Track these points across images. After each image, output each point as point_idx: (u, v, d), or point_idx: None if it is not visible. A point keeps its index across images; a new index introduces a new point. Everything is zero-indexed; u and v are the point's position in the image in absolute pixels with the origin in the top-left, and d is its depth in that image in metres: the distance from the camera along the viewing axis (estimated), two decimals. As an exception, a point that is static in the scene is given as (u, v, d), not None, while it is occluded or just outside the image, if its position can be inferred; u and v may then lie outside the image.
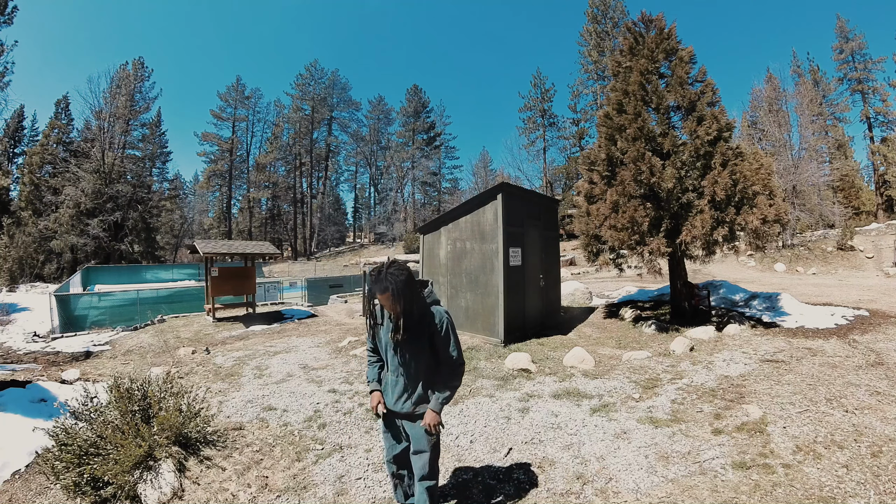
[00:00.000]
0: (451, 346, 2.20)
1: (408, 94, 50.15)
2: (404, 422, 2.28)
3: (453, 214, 7.61)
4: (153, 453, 2.96)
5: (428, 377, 2.22)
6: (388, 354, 2.24)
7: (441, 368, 2.24)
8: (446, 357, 2.21)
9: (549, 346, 6.51)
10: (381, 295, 2.06)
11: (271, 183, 47.86)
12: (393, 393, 2.23)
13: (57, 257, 27.38)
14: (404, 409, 2.21)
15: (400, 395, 2.21)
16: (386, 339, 2.21)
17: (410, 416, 2.23)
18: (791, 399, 3.84)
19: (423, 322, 2.17)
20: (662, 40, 7.44)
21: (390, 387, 2.25)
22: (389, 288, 2.03)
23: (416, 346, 2.17)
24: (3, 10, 19.62)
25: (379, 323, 2.28)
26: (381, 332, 2.27)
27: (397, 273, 2.05)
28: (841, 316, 6.96)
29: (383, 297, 2.07)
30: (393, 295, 2.04)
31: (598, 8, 37.05)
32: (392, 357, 2.22)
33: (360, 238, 56.75)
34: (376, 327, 2.31)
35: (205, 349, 7.12)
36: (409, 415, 2.23)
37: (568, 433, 3.51)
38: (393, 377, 2.24)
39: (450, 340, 2.20)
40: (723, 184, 6.31)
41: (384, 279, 2.04)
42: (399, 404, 2.22)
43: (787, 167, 21.13)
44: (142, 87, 34.80)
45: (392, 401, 2.23)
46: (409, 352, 2.18)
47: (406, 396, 2.21)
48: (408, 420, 2.26)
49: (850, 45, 32.86)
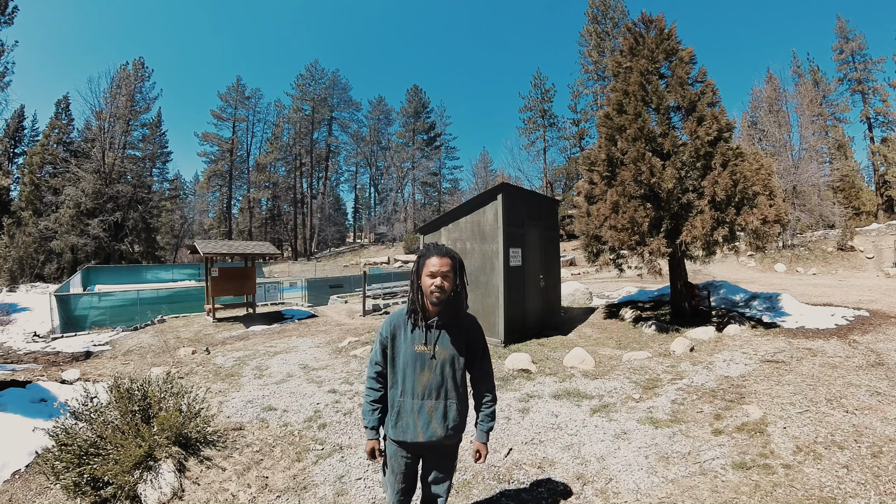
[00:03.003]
0: (488, 361, 1.89)
1: (408, 94, 50.21)
2: (426, 454, 1.86)
3: (453, 215, 7.61)
4: (153, 453, 2.96)
5: (463, 395, 1.85)
6: (410, 372, 1.77)
7: (477, 386, 1.91)
8: (482, 373, 1.88)
9: (550, 346, 6.51)
10: (439, 258, 1.69)
11: (271, 183, 47.86)
12: (417, 421, 1.76)
13: (57, 257, 27.37)
14: (433, 438, 1.76)
15: (428, 421, 1.75)
16: (410, 351, 1.76)
17: (438, 446, 1.81)
18: (791, 399, 3.83)
19: (463, 326, 1.82)
20: (662, 41, 7.45)
21: (411, 414, 1.77)
22: (454, 254, 1.69)
23: (455, 355, 1.78)
24: (4, 11, 19.64)
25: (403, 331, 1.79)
26: (402, 342, 1.78)
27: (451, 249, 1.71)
28: (841, 316, 6.96)
29: (441, 261, 1.68)
30: (456, 264, 1.70)
31: (598, 8, 37.03)
32: (419, 373, 1.76)
33: (361, 238, 56.75)
34: (395, 337, 1.79)
35: (205, 349, 7.12)
36: (437, 445, 1.80)
37: (568, 433, 3.51)
38: (417, 401, 1.76)
39: (487, 351, 1.89)
40: (723, 184, 6.31)
41: (444, 248, 1.71)
42: (428, 432, 1.75)
43: (788, 167, 21.13)
44: (142, 88, 34.82)
45: (416, 431, 1.75)
46: (449, 363, 1.76)
47: (439, 422, 1.77)
48: (431, 451, 1.84)
49: (850, 45, 32.85)
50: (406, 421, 1.77)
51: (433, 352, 1.74)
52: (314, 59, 63.50)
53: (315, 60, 57.95)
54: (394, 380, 1.81)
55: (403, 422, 1.77)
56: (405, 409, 1.77)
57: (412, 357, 1.76)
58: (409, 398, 1.77)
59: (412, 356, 1.76)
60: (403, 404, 1.78)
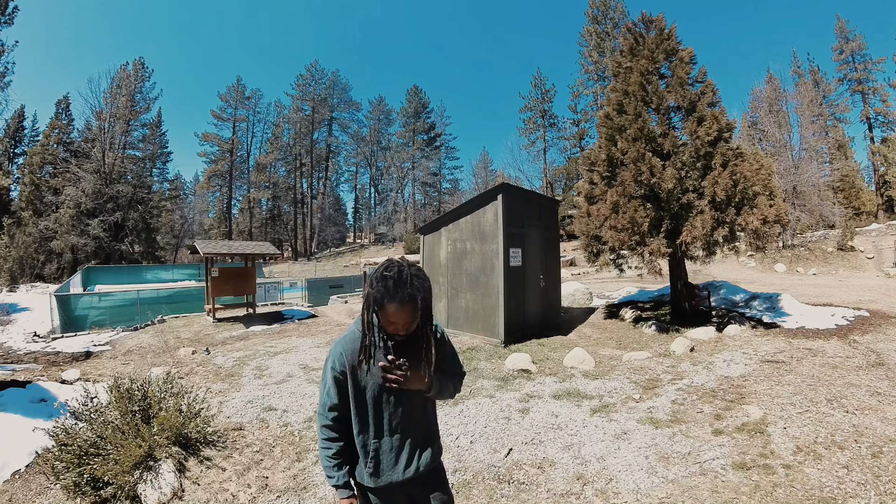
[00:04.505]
0: (458, 363, 1.70)
1: (408, 94, 50.24)
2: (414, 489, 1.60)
3: (454, 215, 7.61)
4: (153, 453, 2.96)
5: (434, 408, 1.67)
6: (379, 409, 1.50)
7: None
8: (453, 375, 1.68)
9: (550, 346, 6.51)
10: (399, 307, 1.33)
11: (271, 183, 47.90)
12: (396, 460, 1.52)
13: (57, 257, 27.37)
14: (422, 469, 1.55)
15: (409, 458, 1.53)
16: (378, 382, 1.46)
17: (421, 480, 1.58)
18: (791, 399, 3.83)
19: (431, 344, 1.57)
20: (663, 41, 7.45)
21: (391, 454, 1.52)
22: (418, 296, 1.36)
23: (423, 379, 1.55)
24: (4, 11, 19.65)
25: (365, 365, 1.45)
26: (367, 376, 1.46)
27: (422, 276, 1.42)
28: (841, 316, 6.96)
29: (402, 311, 1.34)
30: (421, 306, 1.38)
31: (598, 8, 37.06)
32: (390, 408, 1.50)
33: (361, 238, 56.76)
34: (358, 371, 1.46)
35: (205, 349, 7.12)
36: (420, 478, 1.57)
37: (568, 434, 3.50)
38: (396, 438, 1.52)
39: (456, 357, 1.69)
40: (723, 184, 6.31)
41: (408, 283, 1.35)
42: (409, 471, 1.52)
43: (788, 168, 21.14)
44: (142, 88, 34.82)
45: (398, 471, 1.51)
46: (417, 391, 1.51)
47: (424, 450, 1.57)
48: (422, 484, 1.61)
49: (850, 45, 32.87)
50: (386, 463, 1.51)
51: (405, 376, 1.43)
52: (314, 60, 63.61)
53: (315, 60, 58.04)
54: (362, 420, 1.50)
55: (384, 465, 1.51)
56: (383, 450, 1.51)
57: (380, 389, 1.47)
58: (386, 437, 1.50)
59: (380, 388, 1.47)
60: (380, 447, 1.50)
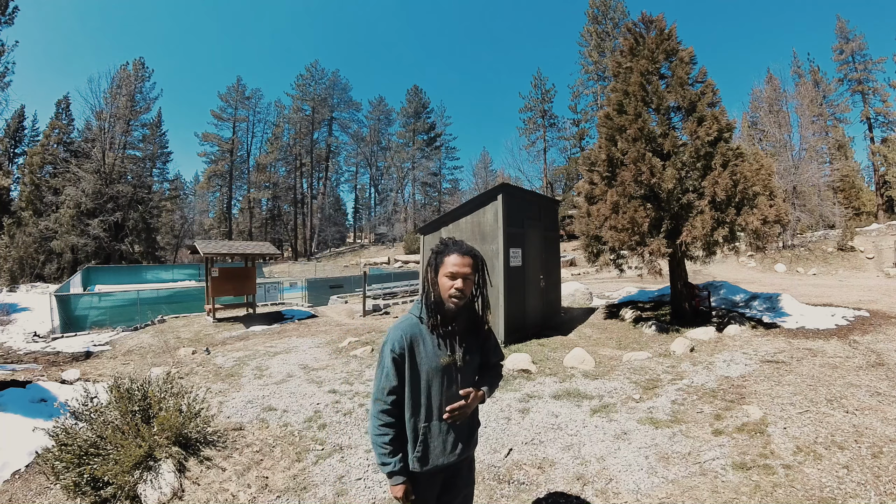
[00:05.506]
0: (500, 351, 1.75)
1: (408, 94, 50.24)
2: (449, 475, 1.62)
3: (454, 215, 7.61)
4: (153, 453, 2.96)
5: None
6: (436, 391, 1.50)
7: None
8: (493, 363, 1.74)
9: (550, 346, 6.51)
10: (460, 257, 1.45)
11: (271, 183, 47.87)
12: (447, 443, 1.52)
13: (57, 257, 27.37)
14: (463, 456, 1.57)
15: (455, 442, 1.53)
16: (435, 365, 1.49)
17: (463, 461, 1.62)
18: (791, 400, 3.83)
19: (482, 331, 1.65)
20: (663, 41, 7.45)
21: (439, 437, 1.51)
22: (477, 253, 1.48)
23: (478, 362, 1.63)
24: (4, 11, 19.65)
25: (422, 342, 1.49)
26: (423, 356, 1.48)
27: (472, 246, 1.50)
28: (841, 316, 6.95)
29: (462, 261, 1.45)
30: (479, 265, 1.49)
31: (598, 8, 37.05)
32: (446, 390, 1.51)
33: (361, 238, 56.75)
34: (414, 351, 1.48)
35: (205, 349, 7.12)
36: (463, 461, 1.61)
37: (568, 434, 3.50)
38: (443, 424, 1.52)
39: (498, 345, 1.74)
40: (723, 184, 6.31)
41: (465, 244, 1.49)
42: (455, 454, 1.54)
43: (788, 168, 21.13)
44: (142, 88, 34.81)
45: (445, 454, 1.52)
46: (473, 372, 1.58)
47: (467, 437, 1.59)
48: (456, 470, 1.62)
49: (850, 45, 32.86)
50: (434, 446, 1.51)
51: (460, 362, 1.51)
52: (314, 60, 63.75)
53: (315, 61, 58.13)
54: (415, 404, 1.50)
55: (432, 448, 1.51)
56: (432, 434, 1.50)
57: (437, 372, 1.49)
58: (435, 421, 1.50)
59: (437, 371, 1.49)
60: (430, 430, 1.50)
